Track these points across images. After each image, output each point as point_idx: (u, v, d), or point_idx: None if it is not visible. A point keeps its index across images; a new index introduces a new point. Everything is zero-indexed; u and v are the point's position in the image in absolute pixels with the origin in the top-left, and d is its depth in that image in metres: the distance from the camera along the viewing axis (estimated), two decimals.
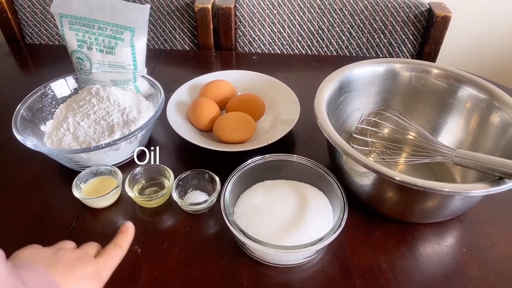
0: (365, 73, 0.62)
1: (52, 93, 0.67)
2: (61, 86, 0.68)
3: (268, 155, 0.55)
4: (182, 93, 0.74)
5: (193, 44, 1.00)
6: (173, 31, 0.99)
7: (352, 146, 0.63)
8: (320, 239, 0.45)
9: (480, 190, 0.44)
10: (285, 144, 0.67)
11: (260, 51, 1.01)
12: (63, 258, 0.39)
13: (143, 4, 0.94)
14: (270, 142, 0.62)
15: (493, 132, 0.56)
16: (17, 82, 0.87)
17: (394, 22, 0.93)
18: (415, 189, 0.44)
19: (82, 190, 0.56)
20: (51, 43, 1.04)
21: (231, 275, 0.48)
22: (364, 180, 0.52)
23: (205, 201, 0.54)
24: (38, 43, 1.04)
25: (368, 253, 0.51)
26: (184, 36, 0.99)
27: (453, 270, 0.49)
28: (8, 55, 0.95)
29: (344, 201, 0.49)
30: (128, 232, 0.44)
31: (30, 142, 0.57)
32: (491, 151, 0.55)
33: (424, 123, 0.64)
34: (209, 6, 0.92)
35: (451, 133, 0.63)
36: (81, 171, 0.57)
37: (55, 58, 0.93)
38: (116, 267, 0.41)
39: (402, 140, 0.64)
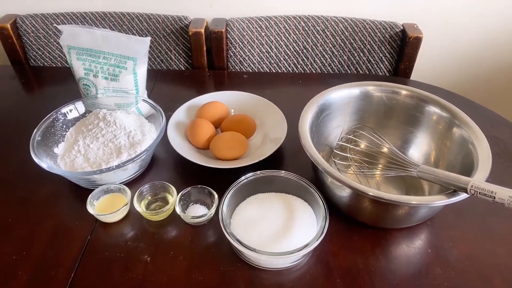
0: (342, 95, 0.70)
1: (63, 118, 0.74)
2: (71, 111, 0.76)
3: (259, 171, 0.62)
4: (180, 113, 0.81)
5: (188, 64, 1.08)
6: (169, 52, 1.06)
7: (334, 161, 0.72)
8: (305, 246, 0.53)
9: (440, 201, 0.52)
10: (275, 159, 0.74)
11: (250, 70, 1.08)
12: None
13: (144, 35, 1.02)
14: (261, 159, 0.69)
15: (454, 146, 0.64)
16: (25, 104, 0.93)
17: (372, 42, 1.01)
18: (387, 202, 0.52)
19: (95, 207, 0.63)
20: (54, 65, 1.10)
21: (229, 279, 0.56)
22: (343, 193, 0.60)
23: (205, 214, 0.61)
24: (41, 65, 1.10)
25: (347, 256, 0.59)
26: (179, 57, 1.07)
27: (420, 269, 0.57)
28: (14, 78, 1.02)
29: (325, 211, 0.57)
30: None
31: (44, 164, 0.64)
32: (452, 164, 0.64)
33: (396, 138, 0.73)
34: (202, 30, 0.99)
35: (420, 146, 0.71)
36: (92, 189, 0.64)
37: (58, 80, 1.00)
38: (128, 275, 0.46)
39: (378, 155, 0.73)
